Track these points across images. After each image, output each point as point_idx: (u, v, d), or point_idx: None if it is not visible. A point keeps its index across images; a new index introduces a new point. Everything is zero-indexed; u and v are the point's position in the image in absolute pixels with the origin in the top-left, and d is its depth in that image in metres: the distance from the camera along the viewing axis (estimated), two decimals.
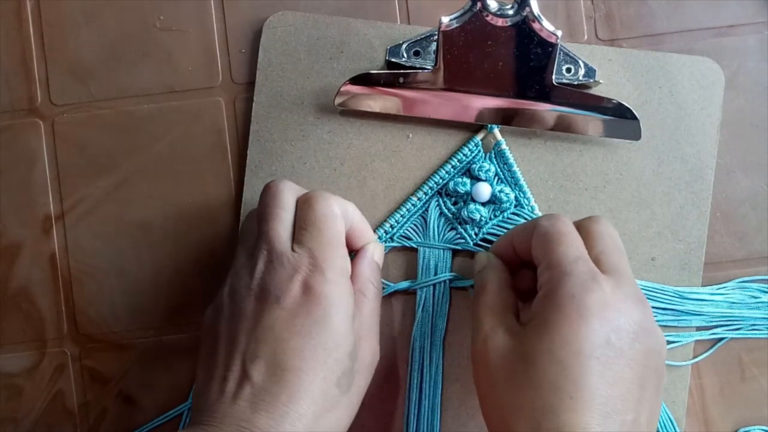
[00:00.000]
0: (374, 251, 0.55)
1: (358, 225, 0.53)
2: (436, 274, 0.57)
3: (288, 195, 0.51)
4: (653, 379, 0.46)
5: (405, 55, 0.58)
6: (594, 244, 0.49)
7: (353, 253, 0.54)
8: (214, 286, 0.53)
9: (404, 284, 0.58)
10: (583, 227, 0.50)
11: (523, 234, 0.52)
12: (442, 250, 0.58)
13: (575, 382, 0.43)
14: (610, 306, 0.45)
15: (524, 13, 0.52)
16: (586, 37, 0.61)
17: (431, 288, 0.57)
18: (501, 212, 0.57)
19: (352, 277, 0.52)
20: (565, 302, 0.45)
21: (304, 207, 0.50)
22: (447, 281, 0.57)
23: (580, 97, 0.56)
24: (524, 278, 0.54)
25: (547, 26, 0.52)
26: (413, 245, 0.58)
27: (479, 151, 0.58)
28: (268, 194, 0.51)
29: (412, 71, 0.56)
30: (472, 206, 0.56)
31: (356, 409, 0.50)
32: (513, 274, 0.54)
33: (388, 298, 0.58)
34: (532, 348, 0.45)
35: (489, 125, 0.57)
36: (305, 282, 0.47)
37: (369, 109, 0.57)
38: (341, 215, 0.50)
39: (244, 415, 0.44)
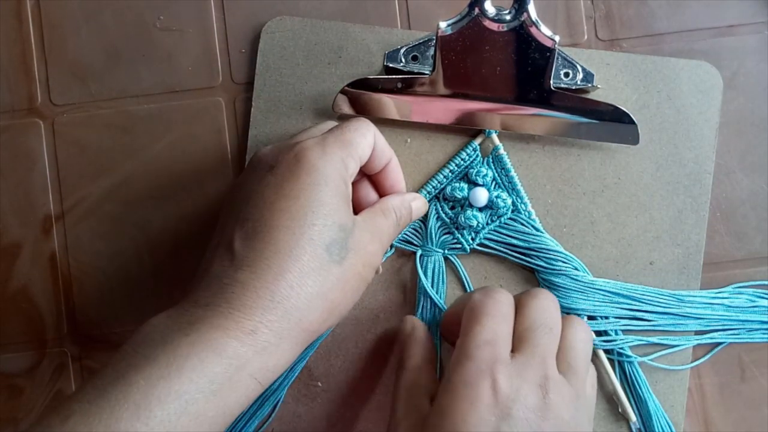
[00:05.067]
0: (414, 199, 0.55)
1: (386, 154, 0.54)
2: (434, 277, 0.57)
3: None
4: None
5: (403, 60, 0.57)
6: (520, 320, 0.48)
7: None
8: None
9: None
10: (518, 302, 0.49)
11: (462, 304, 0.51)
12: (439, 255, 0.58)
13: None
14: (503, 394, 0.44)
15: (522, 18, 0.52)
16: (585, 37, 0.60)
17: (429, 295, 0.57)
18: (498, 218, 0.57)
19: (380, 201, 0.53)
20: (458, 388, 0.44)
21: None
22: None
23: (578, 101, 0.56)
24: None
25: (544, 31, 0.52)
26: (412, 249, 0.58)
27: (477, 156, 0.57)
28: None
29: (410, 76, 0.56)
30: (469, 212, 0.56)
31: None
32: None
33: (387, 304, 0.58)
34: None
35: (487, 130, 0.57)
36: (300, 151, 0.47)
37: (367, 115, 0.57)
38: (372, 143, 0.51)
39: (227, 272, 0.44)
